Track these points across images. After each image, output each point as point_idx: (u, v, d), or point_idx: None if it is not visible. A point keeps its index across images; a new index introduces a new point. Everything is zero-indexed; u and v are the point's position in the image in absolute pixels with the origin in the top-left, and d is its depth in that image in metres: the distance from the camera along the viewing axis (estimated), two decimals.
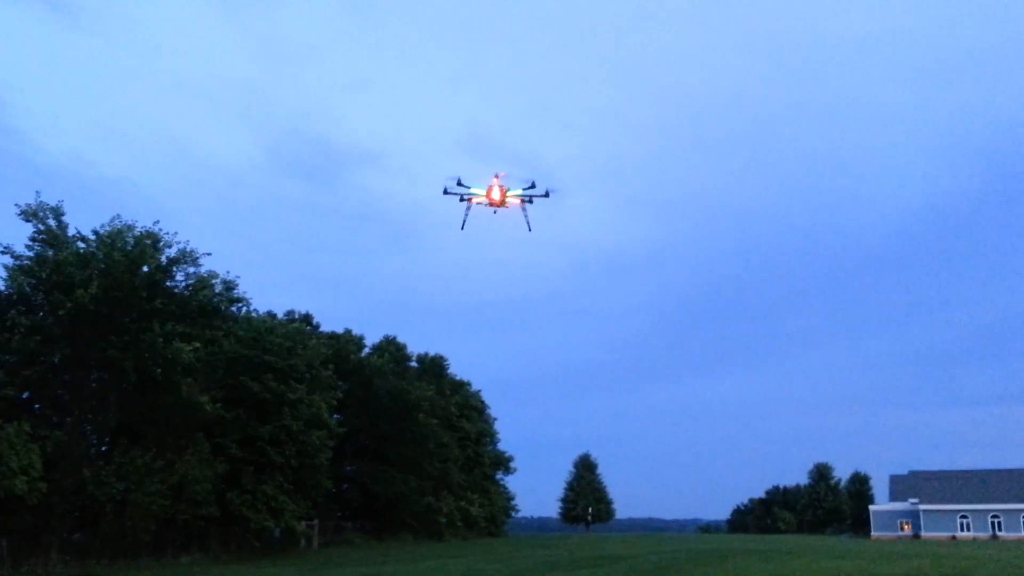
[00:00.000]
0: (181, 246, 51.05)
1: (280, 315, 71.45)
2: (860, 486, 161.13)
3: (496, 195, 36.12)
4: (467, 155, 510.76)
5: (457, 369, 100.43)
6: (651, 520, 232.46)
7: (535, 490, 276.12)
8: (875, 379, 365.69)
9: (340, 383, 69.76)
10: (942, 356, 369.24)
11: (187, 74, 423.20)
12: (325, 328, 78.29)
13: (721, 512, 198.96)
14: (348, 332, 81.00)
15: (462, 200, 36.56)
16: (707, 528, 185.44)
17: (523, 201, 36.77)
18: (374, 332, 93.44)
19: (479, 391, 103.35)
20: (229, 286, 54.38)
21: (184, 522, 50.74)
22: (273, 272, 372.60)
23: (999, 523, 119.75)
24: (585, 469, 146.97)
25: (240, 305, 58.28)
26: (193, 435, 51.62)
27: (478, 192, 36.28)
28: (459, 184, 36.18)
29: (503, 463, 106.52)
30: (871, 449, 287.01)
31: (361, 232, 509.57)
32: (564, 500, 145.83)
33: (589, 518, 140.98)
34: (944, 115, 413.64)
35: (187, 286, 52.08)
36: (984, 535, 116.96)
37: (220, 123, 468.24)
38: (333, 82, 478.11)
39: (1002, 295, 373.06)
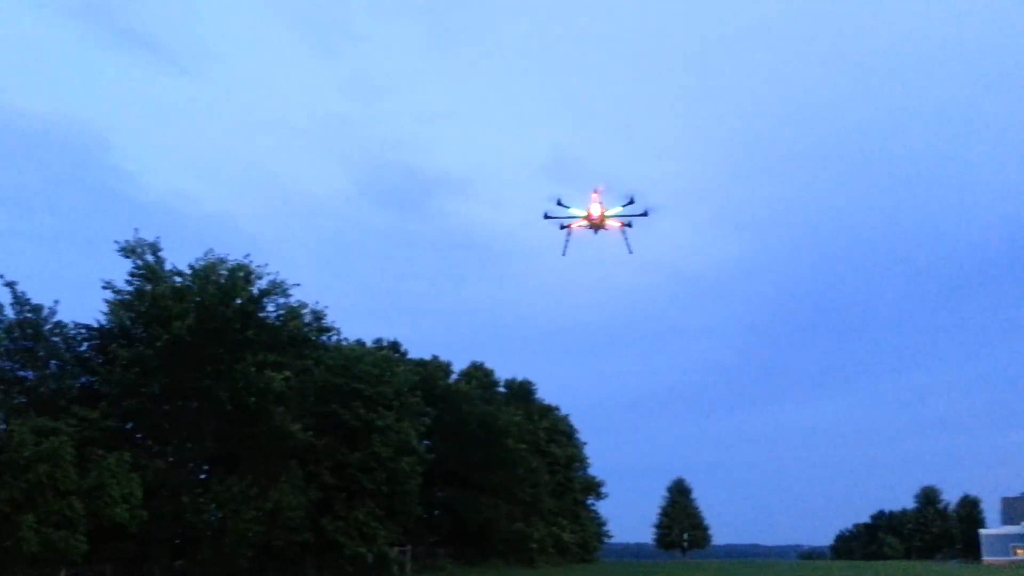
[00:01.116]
0: (272, 277, 52.42)
1: (369, 343, 72.46)
2: (970, 509, 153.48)
3: (596, 212, 34.53)
4: (552, 180, 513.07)
5: (545, 394, 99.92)
6: (751, 546, 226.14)
7: (629, 516, 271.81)
8: (981, 399, 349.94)
9: (428, 409, 70.14)
10: None
11: (279, 111, 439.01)
12: (413, 355, 78.96)
13: (823, 538, 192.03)
14: (436, 358, 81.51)
15: (562, 227, 35.20)
16: (809, 555, 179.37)
17: (623, 223, 35.25)
18: (462, 358, 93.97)
19: (568, 415, 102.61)
20: (318, 316, 55.51)
21: (279, 548, 51.54)
22: (362, 300, 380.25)
23: None
24: (679, 494, 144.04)
25: (330, 334, 59.33)
26: (286, 462, 52.53)
27: (578, 213, 34.82)
28: (559, 204, 34.94)
29: (594, 488, 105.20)
30: (981, 471, 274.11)
31: (449, 259, 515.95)
32: (658, 526, 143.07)
33: (685, 544, 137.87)
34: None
35: (278, 316, 53.31)
36: None
37: (311, 156, 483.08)
38: (419, 112, 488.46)
39: None
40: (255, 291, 51.92)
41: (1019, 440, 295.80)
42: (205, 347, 48.50)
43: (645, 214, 35.14)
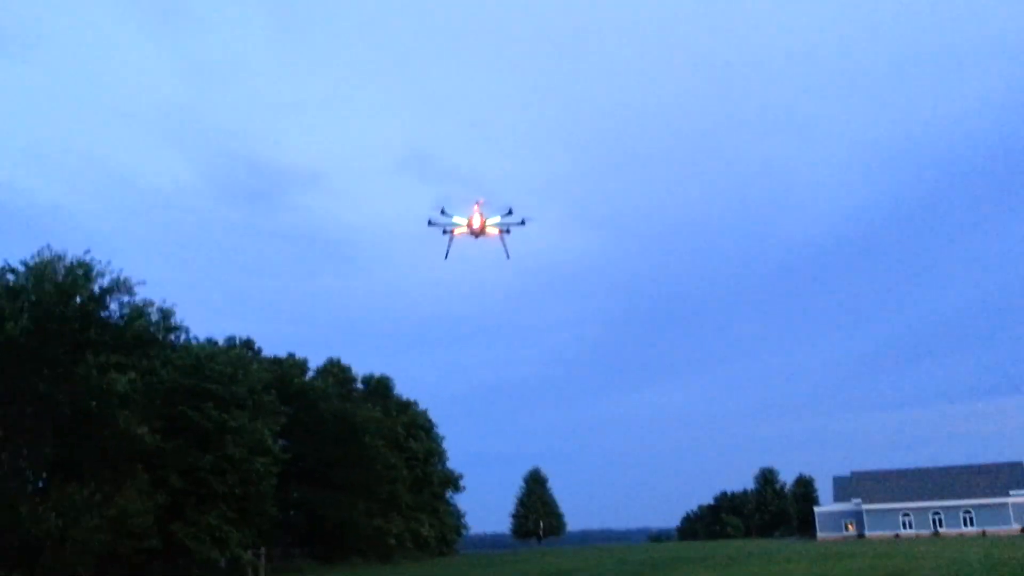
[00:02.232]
0: (114, 275, 50.14)
1: (220, 341, 70.49)
2: (805, 489, 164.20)
3: (477, 222, 36.01)
4: (407, 174, 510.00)
5: (403, 389, 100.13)
6: (602, 531, 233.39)
7: (486, 507, 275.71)
8: (815, 384, 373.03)
9: (284, 408, 68.85)
10: (882, 358, 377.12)
11: (116, 98, 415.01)
12: (267, 353, 77.43)
13: (671, 520, 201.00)
14: (291, 356, 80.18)
15: (445, 232, 36.35)
16: (658, 537, 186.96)
17: (501, 231, 36.94)
18: (318, 355, 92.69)
19: (426, 410, 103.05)
20: (166, 314, 53.53)
21: (126, 556, 49.51)
22: (213, 297, 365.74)
23: (940, 520, 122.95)
24: (535, 483, 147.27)
25: (178, 333, 57.33)
26: (132, 467, 50.46)
27: (460, 221, 36.20)
28: (443, 213, 36.15)
29: (452, 482, 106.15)
30: (815, 452, 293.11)
31: (302, 254, 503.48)
32: (515, 515, 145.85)
33: (541, 532, 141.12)
34: (867, 127, 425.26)
35: (122, 316, 51.07)
36: (926, 532, 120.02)
37: (153, 147, 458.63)
38: (268, 103, 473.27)
39: (933, 299, 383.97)
40: (96, 289, 49.52)
41: (848, 422, 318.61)
42: (42, 349, 45.89)
43: (523, 223, 36.98)
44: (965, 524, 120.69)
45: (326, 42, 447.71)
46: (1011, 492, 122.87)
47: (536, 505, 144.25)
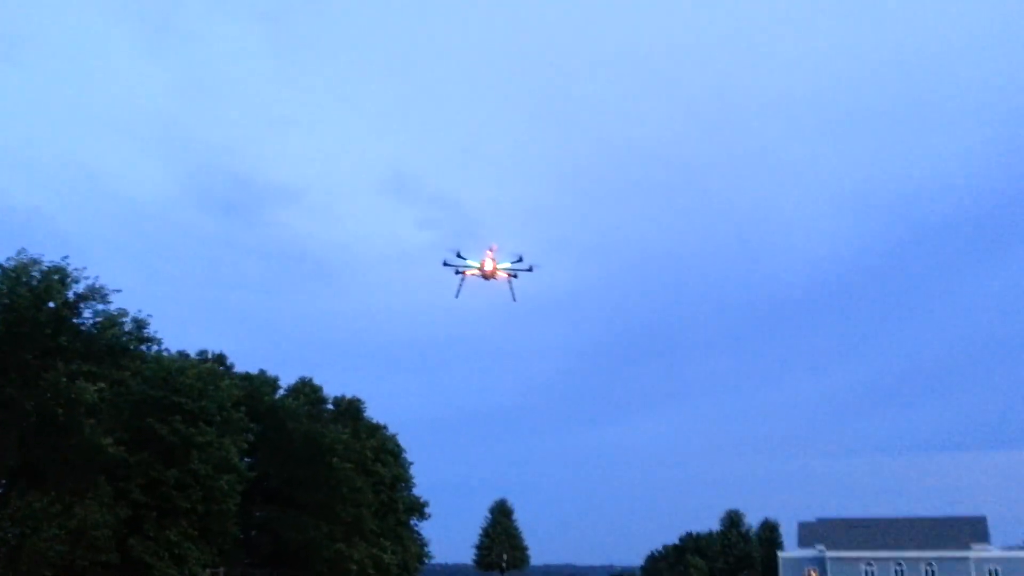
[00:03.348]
0: (90, 282, 49.82)
1: (192, 354, 69.88)
2: (770, 533, 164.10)
3: (489, 266, 39.56)
4: (390, 196, 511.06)
5: (374, 412, 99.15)
6: (566, 566, 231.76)
7: (450, 536, 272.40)
8: (783, 426, 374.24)
9: (253, 425, 68.25)
10: (851, 404, 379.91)
11: (102, 105, 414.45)
12: (239, 368, 76.76)
13: (635, 558, 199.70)
14: (263, 373, 79.53)
15: (457, 272, 39.79)
16: (620, 574, 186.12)
17: (510, 275, 40.31)
18: (290, 373, 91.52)
19: (395, 435, 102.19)
20: (140, 324, 53.07)
21: (82, 569, 48.67)
22: (186, 310, 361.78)
23: (902, 571, 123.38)
24: (501, 515, 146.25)
25: (151, 344, 56.80)
26: (95, 478, 49.78)
27: (473, 264, 39.64)
28: (458, 256, 39.64)
29: (418, 509, 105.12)
30: (781, 495, 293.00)
31: (279, 271, 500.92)
32: (479, 547, 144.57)
33: (504, 564, 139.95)
34: (848, 175, 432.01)
35: (95, 324, 50.62)
36: None
37: (135, 156, 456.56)
38: (254, 118, 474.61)
39: (906, 346, 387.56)
40: (71, 295, 49.12)
41: (817, 467, 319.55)
42: (12, 353, 45.40)
43: (530, 269, 40.65)
44: None
45: (316, 61, 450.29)
46: (972, 546, 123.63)
47: (501, 537, 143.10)
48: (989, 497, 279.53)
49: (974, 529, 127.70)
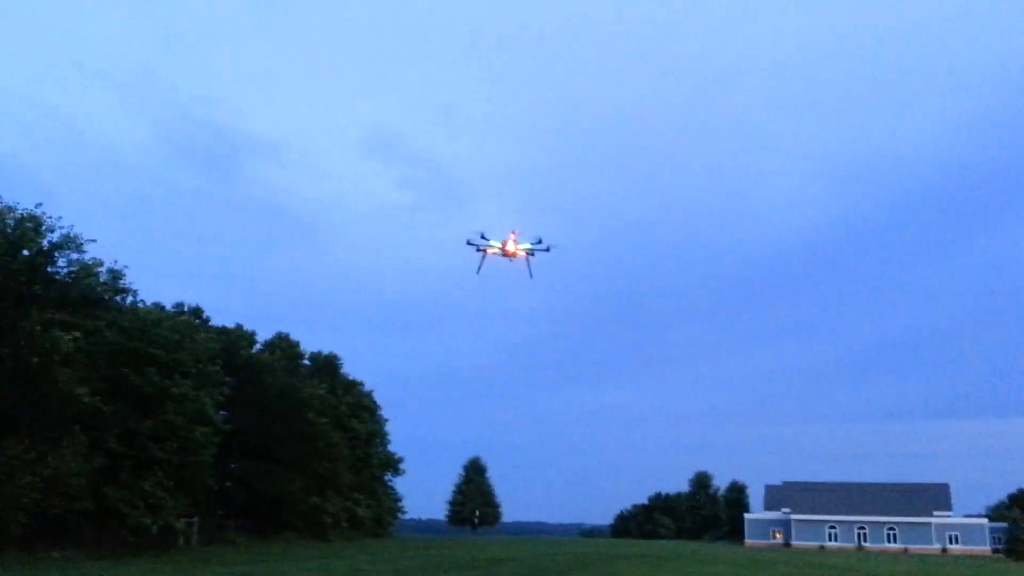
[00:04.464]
0: (65, 231, 49.24)
1: (168, 307, 69.69)
2: (737, 495, 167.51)
3: (512, 248, 42.84)
4: (371, 154, 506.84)
5: (351, 369, 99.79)
6: (536, 524, 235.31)
7: (424, 492, 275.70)
8: (755, 393, 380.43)
9: (229, 379, 68.36)
10: (818, 373, 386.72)
11: (78, 52, 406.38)
12: (216, 322, 76.60)
13: (605, 517, 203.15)
14: (239, 327, 79.47)
15: (478, 251, 43.06)
16: (590, 532, 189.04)
17: (528, 254, 43.44)
18: (267, 328, 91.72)
19: (372, 391, 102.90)
20: (115, 275, 52.74)
21: (57, 516, 48.93)
22: (163, 262, 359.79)
23: (864, 534, 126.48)
24: (475, 472, 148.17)
25: (126, 295, 56.57)
26: (69, 428, 49.80)
27: (495, 245, 42.87)
28: (482, 237, 42.76)
29: (392, 464, 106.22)
30: (750, 460, 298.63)
31: (257, 225, 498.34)
32: (452, 503, 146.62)
33: (476, 521, 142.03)
34: (830, 144, 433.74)
35: (69, 273, 50.24)
36: (850, 545, 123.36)
37: (112, 106, 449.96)
38: (234, 71, 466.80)
39: (874, 318, 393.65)
40: (45, 244, 48.62)
41: (785, 433, 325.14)
42: None
43: (548, 250, 43.89)
44: (889, 540, 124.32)
45: (298, 14, 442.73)
46: (935, 513, 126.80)
47: (474, 493, 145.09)
48: (952, 465, 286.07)
49: (936, 496, 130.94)
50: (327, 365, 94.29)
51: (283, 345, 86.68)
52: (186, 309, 73.64)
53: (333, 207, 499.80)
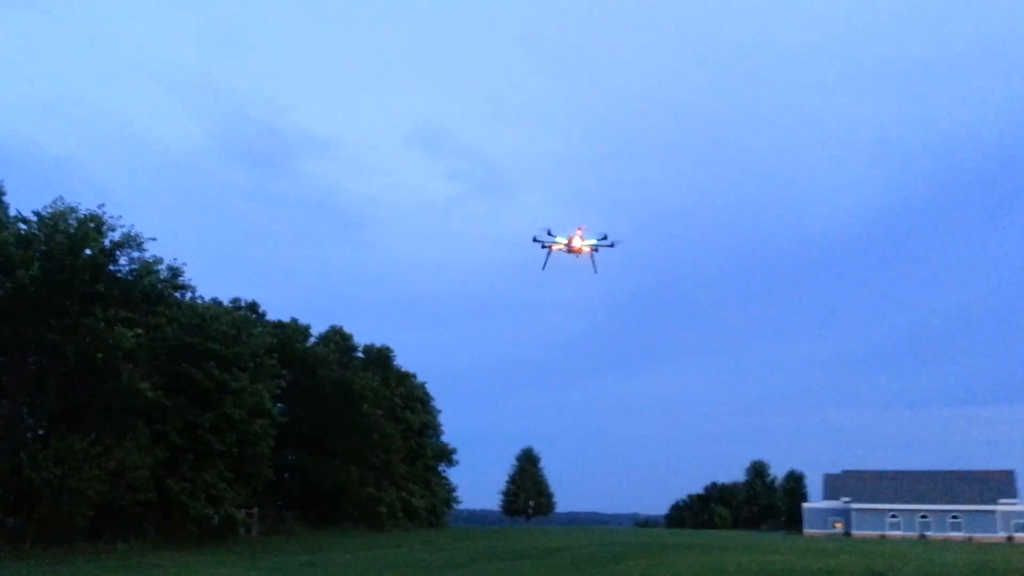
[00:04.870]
0: (125, 230, 50.38)
1: (226, 302, 70.98)
2: (795, 484, 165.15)
3: (577, 243, 43.71)
4: (418, 148, 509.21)
5: (403, 361, 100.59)
6: (591, 514, 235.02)
7: (478, 483, 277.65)
8: (812, 380, 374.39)
9: (284, 372, 69.53)
10: (876, 359, 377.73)
11: (133, 56, 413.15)
12: (271, 317, 77.93)
13: (660, 507, 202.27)
14: (294, 321, 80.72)
15: (544, 247, 43.81)
16: (645, 522, 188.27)
17: (592, 249, 44.20)
18: (321, 322, 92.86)
19: (424, 383, 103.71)
20: (175, 272, 53.89)
21: (121, 508, 50.32)
22: (219, 259, 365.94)
23: (927, 523, 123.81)
24: (528, 462, 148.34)
25: (185, 292, 57.82)
26: (133, 421, 51.15)
27: (561, 241, 43.75)
28: (548, 234, 43.62)
29: (446, 455, 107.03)
30: (807, 448, 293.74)
31: (310, 221, 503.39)
32: (506, 493, 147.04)
33: (530, 511, 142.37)
34: (875, 124, 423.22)
35: (131, 271, 51.46)
36: (913, 534, 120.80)
37: (166, 107, 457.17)
38: (282, 69, 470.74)
39: (934, 300, 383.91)
40: (107, 243, 49.81)
41: (841, 420, 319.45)
42: (51, 299, 46.36)
43: (612, 245, 44.56)
44: (952, 529, 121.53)
45: (345, 9, 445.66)
46: (999, 500, 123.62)
47: (527, 484, 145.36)
48: (1017, 452, 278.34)
49: (1001, 483, 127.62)
50: (380, 357, 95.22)
51: (337, 338, 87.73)
52: (242, 304, 75.01)
53: (382, 201, 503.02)
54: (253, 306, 76.28)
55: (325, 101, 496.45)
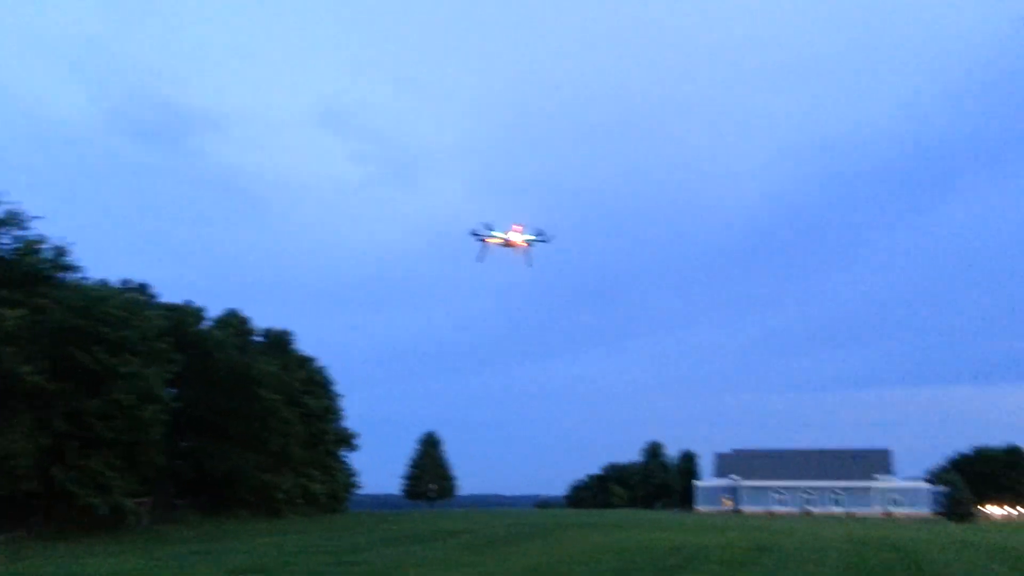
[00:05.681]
0: (8, 207, 48.20)
1: (115, 284, 68.33)
2: (688, 463, 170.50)
3: (514, 238, 46.08)
4: (323, 129, 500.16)
5: (304, 345, 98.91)
6: (492, 496, 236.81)
7: (381, 468, 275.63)
8: (713, 364, 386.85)
9: (178, 356, 67.41)
10: (774, 344, 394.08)
11: (22, 23, 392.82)
12: (164, 299, 75.34)
13: (560, 489, 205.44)
14: (188, 304, 78.33)
15: (481, 240, 46.23)
16: (545, 504, 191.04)
17: (528, 245, 46.38)
18: (217, 305, 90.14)
19: (325, 367, 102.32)
20: (60, 252, 51.75)
21: (3, 497, 48.12)
22: (110, 237, 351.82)
23: (810, 500, 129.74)
24: (430, 446, 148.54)
25: (70, 272, 55.47)
26: (14, 407, 48.91)
27: (499, 235, 46.05)
28: (486, 227, 46.00)
29: (347, 440, 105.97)
30: (703, 429, 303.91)
31: (206, 201, 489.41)
32: (408, 477, 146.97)
33: (431, 494, 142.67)
34: (791, 118, 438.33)
35: (14, 250, 49.17)
36: (797, 510, 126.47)
37: (58, 78, 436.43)
38: (183, 43, 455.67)
39: (828, 290, 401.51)
40: None
41: (737, 403, 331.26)
42: None
43: (547, 241, 47.18)
44: (833, 505, 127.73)
45: None
46: (876, 477, 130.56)
47: (429, 467, 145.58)
48: (897, 432, 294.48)
49: (879, 461, 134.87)
50: (279, 341, 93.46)
51: (234, 322, 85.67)
52: (133, 286, 72.30)
53: (285, 181, 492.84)
54: (143, 287, 73.62)
55: (227, 77, 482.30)
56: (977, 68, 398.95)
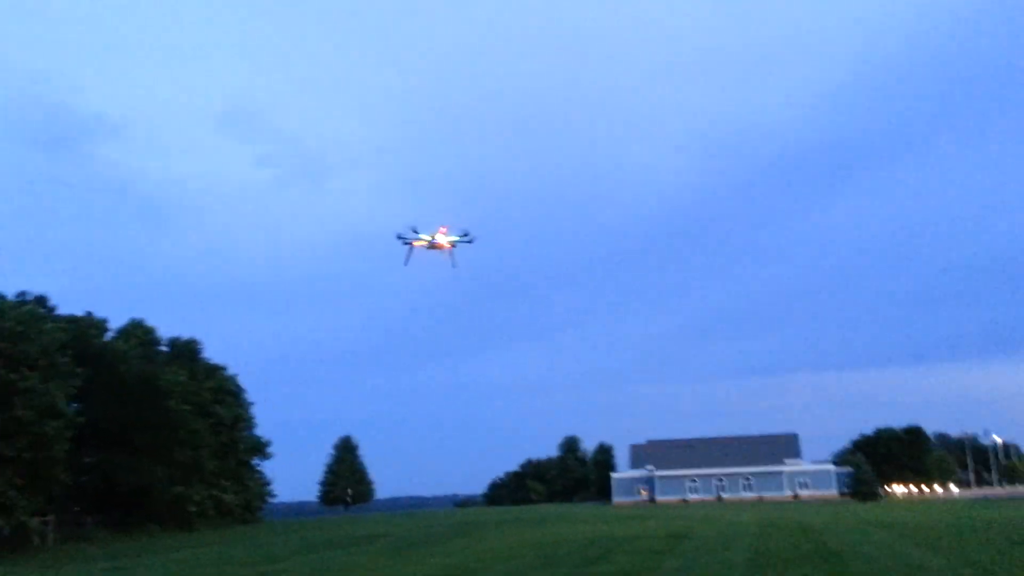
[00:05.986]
0: None
1: (10, 297, 65.71)
2: (604, 456, 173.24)
3: (440, 240, 46.88)
4: (226, 131, 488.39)
5: (212, 353, 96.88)
6: (411, 498, 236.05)
7: (296, 475, 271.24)
8: (627, 357, 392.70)
9: (80, 369, 65.27)
10: (681, 335, 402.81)
11: None
12: (63, 311, 72.73)
13: (479, 487, 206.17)
14: (89, 315, 75.86)
15: (406, 243, 46.97)
16: (464, 502, 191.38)
17: (452, 246, 47.21)
18: (120, 315, 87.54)
19: (235, 375, 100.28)
20: None
21: None
22: (3, 249, 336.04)
23: (723, 485, 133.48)
24: (346, 451, 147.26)
25: None
26: None
27: (424, 237, 46.63)
28: (413, 231, 46.27)
29: (259, 448, 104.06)
30: (616, 421, 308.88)
31: (105, 208, 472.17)
32: (324, 483, 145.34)
33: (349, 499, 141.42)
34: (681, 114, 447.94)
35: None
36: (710, 497, 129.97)
37: None
38: (73, 44, 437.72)
39: (731, 280, 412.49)
40: None
41: (650, 394, 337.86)
42: None
43: (470, 241, 47.99)
44: (745, 490, 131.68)
45: None
46: (785, 461, 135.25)
47: (345, 472, 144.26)
48: (803, 416, 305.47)
49: (787, 446, 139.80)
50: (187, 350, 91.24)
51: (138, 332, 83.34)
52: (29, 298, 69.60)
53: (187, 187, 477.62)
54: (42, 300, 70.89)
55: (123, 81, 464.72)
56: (867, 67, 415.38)
